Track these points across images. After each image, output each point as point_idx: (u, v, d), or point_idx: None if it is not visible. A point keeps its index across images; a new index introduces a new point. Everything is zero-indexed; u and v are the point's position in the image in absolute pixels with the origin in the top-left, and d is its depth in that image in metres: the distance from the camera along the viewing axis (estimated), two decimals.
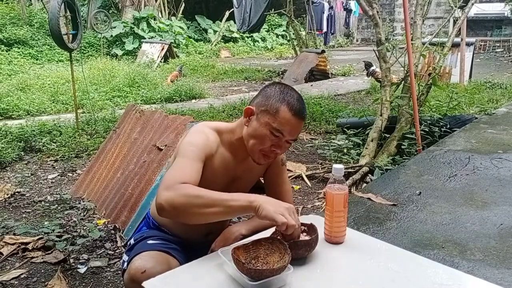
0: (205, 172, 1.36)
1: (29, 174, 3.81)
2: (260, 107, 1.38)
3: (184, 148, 1.36)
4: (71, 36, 4.62)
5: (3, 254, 2.42)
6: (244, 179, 1.53)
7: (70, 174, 3.84)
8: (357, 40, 18.58)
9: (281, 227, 1.15)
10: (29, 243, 2.50)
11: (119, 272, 2.26)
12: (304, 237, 1.24)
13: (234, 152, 1.46)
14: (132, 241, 1.53)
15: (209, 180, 1.39)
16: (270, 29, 16.63)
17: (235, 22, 12.24)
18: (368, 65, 7.57)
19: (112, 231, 2.68)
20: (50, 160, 4.16)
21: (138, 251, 1.37)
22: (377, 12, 4.14)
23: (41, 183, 3.64)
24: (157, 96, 6.84)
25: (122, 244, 2.53)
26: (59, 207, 3.08)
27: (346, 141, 4.17)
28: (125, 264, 1.41)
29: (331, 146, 4.14)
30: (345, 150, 4.02)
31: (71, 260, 2.37)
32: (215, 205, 1.19)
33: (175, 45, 12.23)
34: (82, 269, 2.30)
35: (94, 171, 3.36)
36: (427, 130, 3.86)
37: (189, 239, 1.52)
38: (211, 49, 13.95)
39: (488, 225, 2.18)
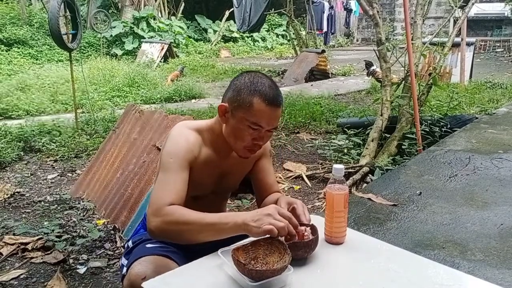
0: (192, 174, 1.34)
1: (29, 174, 3.81)
2: (233, 102, 1.32)
3: (165, 161, 1.32)
4: (70, 36, 4.62)
5: (2, 254, 2.42)
6: (232, 174, 1.50)
7: (70, 174, 3.83)
8: (357, 40, 18.57)
9: (272, 234, 1.13)
10: (28, 243, 2.50)
11: (119, 272, 2.25)
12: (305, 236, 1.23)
13: (217, 150, 1.42)
14: (130, 244, 1.50)
15: (197, 182, 1.37)
16: (270, 29, 16.62)
17: (235, 22, 12.24)
18: (368, 64, 7.57)
19: (112, 231, 2.68)
20: (49, 160, 4.16)
21: (137, 256, 1.35)
22: (378, 11, 4.13)
23: (41, 183, 3.64)
24: (157, 96, 6.84)
25: (122, 244, 2.52)
26: (58, 207, 3.08)
27: (346, 141, 4.16)
28: (124, 268, 1.39)
29: (331, 146, 4.14)
30: (345, 150, 4.01)
31: (71, 261, 2.36)
32: (204, 230, 1.19)
33: (175, 45, 12.22)
34: (82, 270, 2.29)
35: (93, 171, 3.36)
36: (428, 130, 3.85)
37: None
38: (211, 49, 13.94)
39: (489, 225, 2.18)
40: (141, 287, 1.13)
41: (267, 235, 1.18)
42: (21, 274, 2.25)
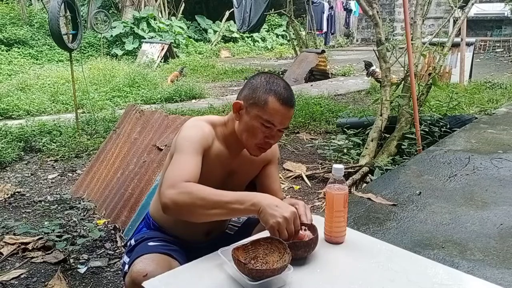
0: (202, 166, 1.35)
1: (29, 174, 3.81)
2: (248, 100, 1.37)
3: (180, 144, 1.35)
4: (71, 36, 4.62)
5: (3, 254, 2.42)
6: (241, 174, 1.52)
7: (70, 174, 3.84)
8: (357, 40, 18.57)
9: (275, 236, 1.17)
10: (29, 243, 2.50)
11: (119, 272, 2.26)
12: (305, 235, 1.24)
13: (228, 146, 1.45)
14: (132, 242, 1.52)
15: (206, 175, 1.38)
16: (270, 29, 16.63)
17: (235, 22, 12.24)
18: (368, 65, 7.57)
19: (112, 231, 2.68)
20: (50, 160, 4.16)
21: (139, 253, 1.37)
22: (377, 12, 4.14)
23: (41, 183, 3.64)
24: (157, 96, 6.85)
25: (122, 244, 2.53)
26: (59, 207, 3.08)
27: (346, 141, 4.17)
28: (126, 266, 1.40)
29: (331, 146, 4.14)
30: (345, 150, 4.02)
31: (71, 260, 2.37)
32: (218, 207, 1.20)
33: (175, 45, 12.23)
34: (82, 269, 2.30)
35: (94, 171, 3.36)
36: (427, 130, 3.86)
37: (189, 239, 1.52)
38: (211, 49, 13.95)
39: (488, 225, 2.18)
40: (142, 285, 1.14)
41: (267, 235, 1.19)
42: (22, 274, 2.26)
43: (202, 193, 1.20)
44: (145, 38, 11.93)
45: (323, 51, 9.14)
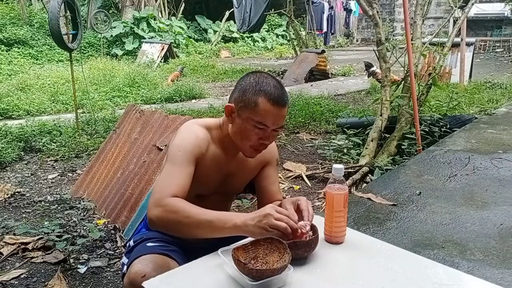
0: (198, 171, 1.35)
1: (29, 174, 3.81)
2: (239, 103, 1.34)
3: (172, 153, 1.34)
4: (71, 36, 4.62)
5: (3, 254, 2.42)
6: (238, 176, 1.51)
7: (70, 174, 3.84)
8: (357, 40, 18.57)
9: (283, 239, 1.16)
10: (29, 243, 2.50)
11: (119, 272, 2.26)
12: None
13: (225, 148, 1.44)
14: (131, 243, 1.51)
15: (203, 179, 1.38)
16: (270, 29, 16.62)
17: (235, 22, 12.24)
18: (368, 65, 7.58)
19: (112, 231, 2.68)
20: (50, 160, 4.16)
21: (137, 254, 1.36)
22: (377, 12, 4.14)
23: (41, 183, 3.64)
24: (157, 96, 6.85)
25: (122, 244, 2.53)
26: (59, 207, 3.08)
27: (346, 141, 4.17)
28: (125, 267, 1.39)
29: (331, 146, 4.14)
30: (345, 150, 4.02)
31: (71, 260, 2.37)
32: (202, 226, 1.21)
33: (175, 45, 12.23)
34: (82, 269, 2.30)
35: (94, 171, 3.36)
36: (427, 130, 3.86)
37: (189, 240, 1.52)
38: (211, 49, 13.95)
39: (488, 225, 2.18)
40: (141, 285, 1.14)
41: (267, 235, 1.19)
42: (22, 274, 2.26)
43: (187, 212, 1.21)
44: (145, 38, 11.93)
45: (323, 51, 9.14)
